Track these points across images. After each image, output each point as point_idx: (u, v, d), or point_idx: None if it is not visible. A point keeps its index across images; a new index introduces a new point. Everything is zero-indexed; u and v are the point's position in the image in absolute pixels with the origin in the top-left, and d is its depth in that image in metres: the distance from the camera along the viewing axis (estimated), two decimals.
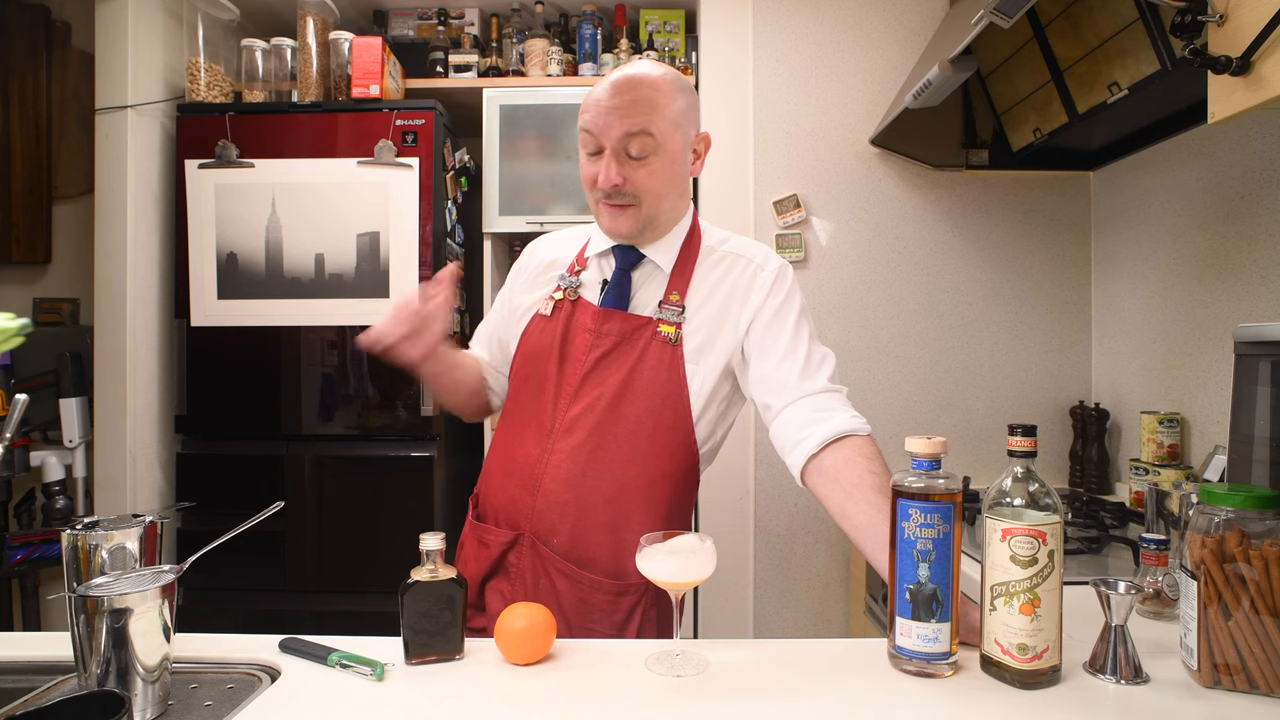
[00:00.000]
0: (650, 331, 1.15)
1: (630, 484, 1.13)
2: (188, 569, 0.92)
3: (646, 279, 1.20)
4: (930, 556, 0.88)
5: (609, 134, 1.11)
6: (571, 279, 1.23)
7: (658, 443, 1.14)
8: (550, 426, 1.16)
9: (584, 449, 1.13)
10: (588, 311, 1.19)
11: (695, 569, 0.94)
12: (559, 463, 1.14)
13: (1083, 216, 2.38)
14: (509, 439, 1.22)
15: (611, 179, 1.12)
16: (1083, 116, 1.85)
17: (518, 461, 1.18)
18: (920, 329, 2.41)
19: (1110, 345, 2.29)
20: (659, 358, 1.14)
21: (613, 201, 1.15)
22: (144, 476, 2.33)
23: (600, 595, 1.13)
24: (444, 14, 2.62)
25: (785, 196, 2.38)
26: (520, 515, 1.17)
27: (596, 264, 1.24)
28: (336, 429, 2.30)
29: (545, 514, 1.14)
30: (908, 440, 0.92)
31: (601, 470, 1.13)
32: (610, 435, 1.13)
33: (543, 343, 1.20)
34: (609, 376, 1.15)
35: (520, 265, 1.34)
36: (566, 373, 1.17)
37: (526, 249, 1.37)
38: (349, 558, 2.28)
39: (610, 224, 1.17)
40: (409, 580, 0.93)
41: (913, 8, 2.39)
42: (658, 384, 1.14)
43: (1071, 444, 2.31)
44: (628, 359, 1.15)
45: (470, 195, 2.65)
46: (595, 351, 1.16)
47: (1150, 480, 1.87)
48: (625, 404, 1.13)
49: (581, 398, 1.15)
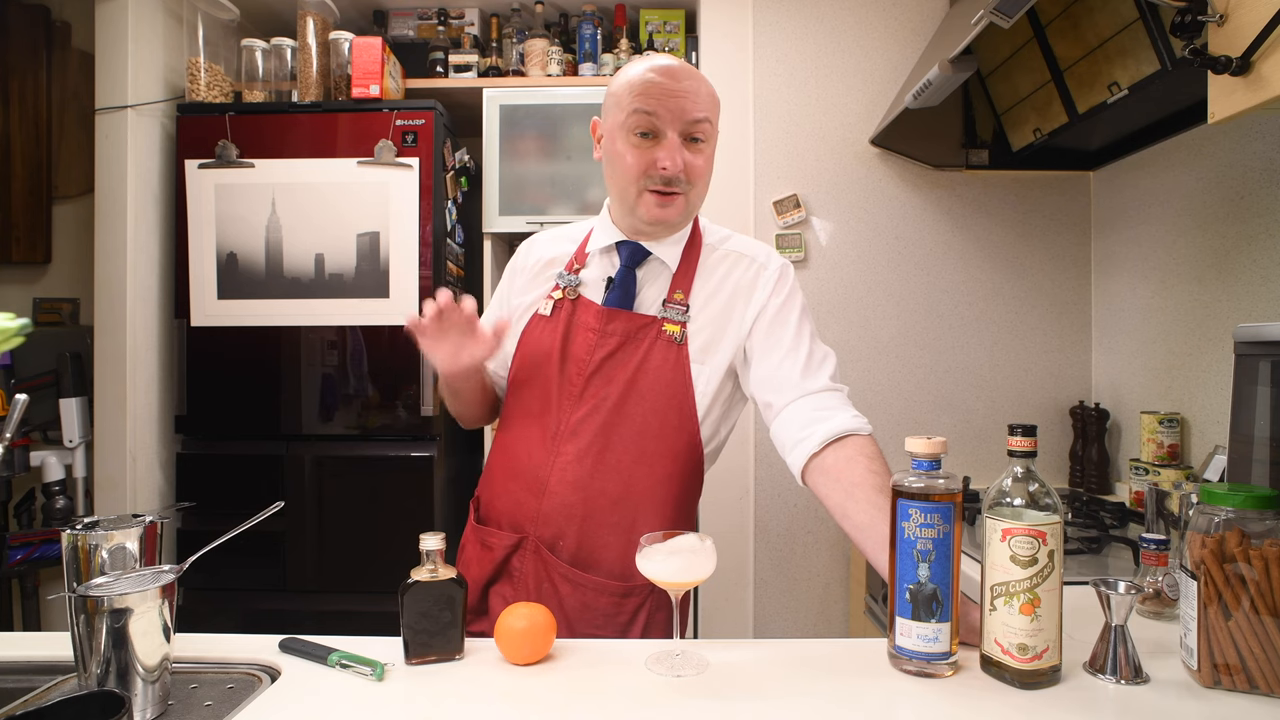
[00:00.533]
0: (655, 331, 1.14)
1: (637, 485, 1.13)
2: (188, 569, 0.92)
3: (651, 277, 1.19)
4: (930, 556, 0.87)
5: (678, 117, 1.10)
6: (571, 277, 1.21)
7: (664, 443, 1.13)
8: (555, 429, 1.15)
9: (591, 451, 1.12)
10: (590, 310, 1.17)
11: (695, 569, 0.94)
12: (565, 465, 1.13)
13: (1083, 216, 2.38)
14: (511, 442, 1.21)
15: (678, 164, 1.10)
16: (1083, 116, 1.85)
17: (522, 464, 1.17)
18: (920, 329, 2.41)
19: (1110, 345, 2.29)
20: (664, 357, 1.14)
21: (666, 190, 1.12)
22: (144, 476, 2.33)
23: (604, 599, 1.13)
24: (444, 14, 2.62)
25: (785, 196, 2.38)
26: (525, 519, 1.15)
27: (599, 260, 1.22)
28: (336, 429, 2.30)
29: (551, 517, 1.13)
30: (908, 440, 0.92)
31: (609, 472, 1.12)
32: (616, 437, 1.12)
33: (543, 343, 1.18)
34: (614, 377, 1.13)
35: (517, 264, 1.31)
36: (569, 374, 1.15)
37: (522, 247, 1.34)
38: (349, 558, 2.28)
39: (659, 213, 1.14)
40: (409, 580, 0.93)
41: (913, 8, 2.39)
42: (663, 384, 1.13)
43: (1071, 444, 2.31)
44: (632, 359, 1.14)
45: (470, 195, 2.65)
46: (600, 351, 1.14)
47: (1150, 480, 1.87)
48: (631, 405, 1.13)
49: (586, 399, 1.14)
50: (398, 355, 2.30)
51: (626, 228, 1.20)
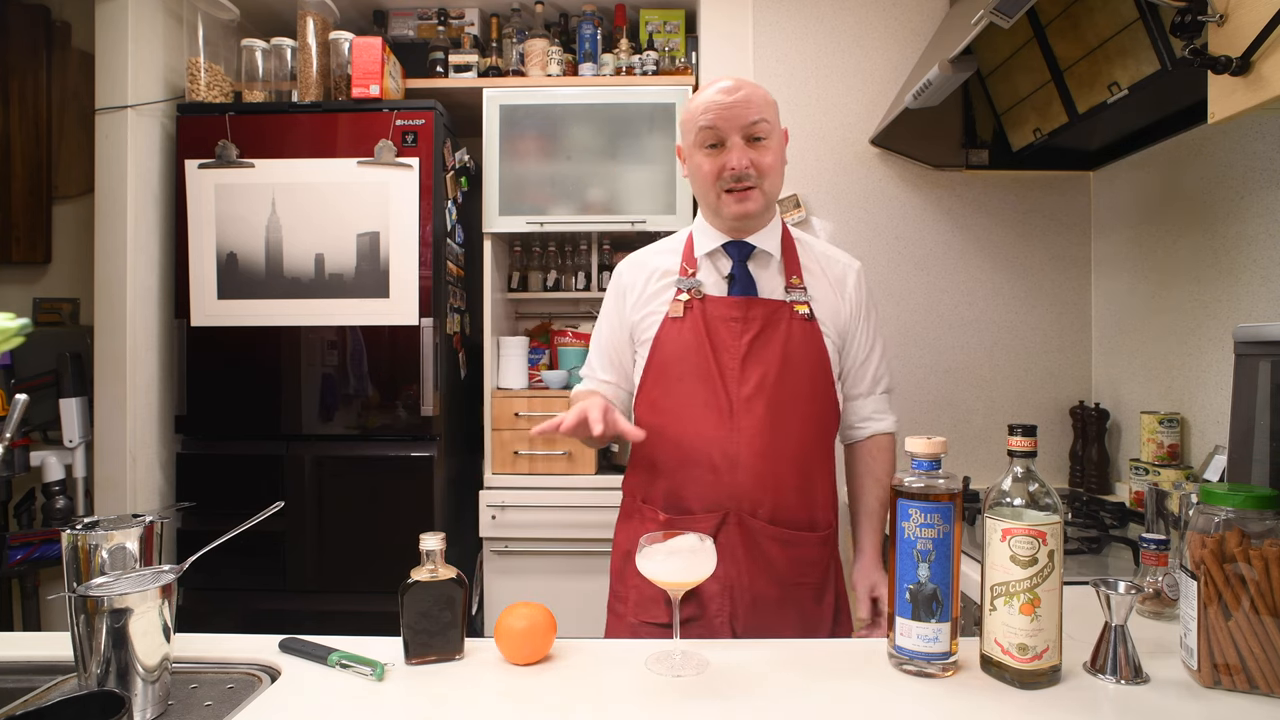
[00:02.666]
0: (789, 312, 1.29)
1: (810, 445, 1.30)
2: (188, 569, 0.93)
3: (761, 267, 1.33)
4: (930, 556, 0.88)
5: (735, 124, 1.24)
6: (691, 280, 1.32)
7: (818, 405, 1.31)
8: (729, 408, 1.26)
9: (766, 421, 1.25)
10: (723, 304, 1.30)
11: (695, 568, 0.94)
12: (750, 438, 1.25)
13: (1083, 216, 2.38)
14: (678, 431, 1.29)
15: (743, 161, 1.25)
16: (1083, 116, 1.86)
17: (699, 448, 1.27)
18: (920, 329, 2.41)
19: (1110, 345, 2.29)
20: (804, 333, 1.29)
21: (739, 186, 1.26)
22: (144, 476, 2.32)
23: (811, 550, 1.29)
24: (444, 14, 2.61)
25: (785, 197, 2.38)
26: (723, 495, 1.26)
27: (708, 264, 1.34)
28: (336, 429, 2.29)
29: (748, 487, 1.25)
30: (908, 440, 0.92)
31: (786, 438, 1.27)
32: (783, 406, 1.27)
33: (685, 340, 1.30)
34: (766, 355, 1.27)
35: (625, 283, 1.40)
36: (724, 361, 1.27)
37: (624, 267, 1.43)
38: (349, 558, 2.27)
39: (738, 208, 1.28)
40: (409, 580, 0.93)
41: (913, 8, 2.39)
42: (809, 355, 1.29)
43: (1071, 444, 2.31)
44: (778, 337, 1.28)
45: (470, 195, 2.65)
46: (747, 335, 1.28)
47: (1150, 480, 1.87)
48: (789, 376, 1.27)
49: (748, 377, 1.26)
50: (398, 355, 2.29)
51: (723, 229, 1.33)
